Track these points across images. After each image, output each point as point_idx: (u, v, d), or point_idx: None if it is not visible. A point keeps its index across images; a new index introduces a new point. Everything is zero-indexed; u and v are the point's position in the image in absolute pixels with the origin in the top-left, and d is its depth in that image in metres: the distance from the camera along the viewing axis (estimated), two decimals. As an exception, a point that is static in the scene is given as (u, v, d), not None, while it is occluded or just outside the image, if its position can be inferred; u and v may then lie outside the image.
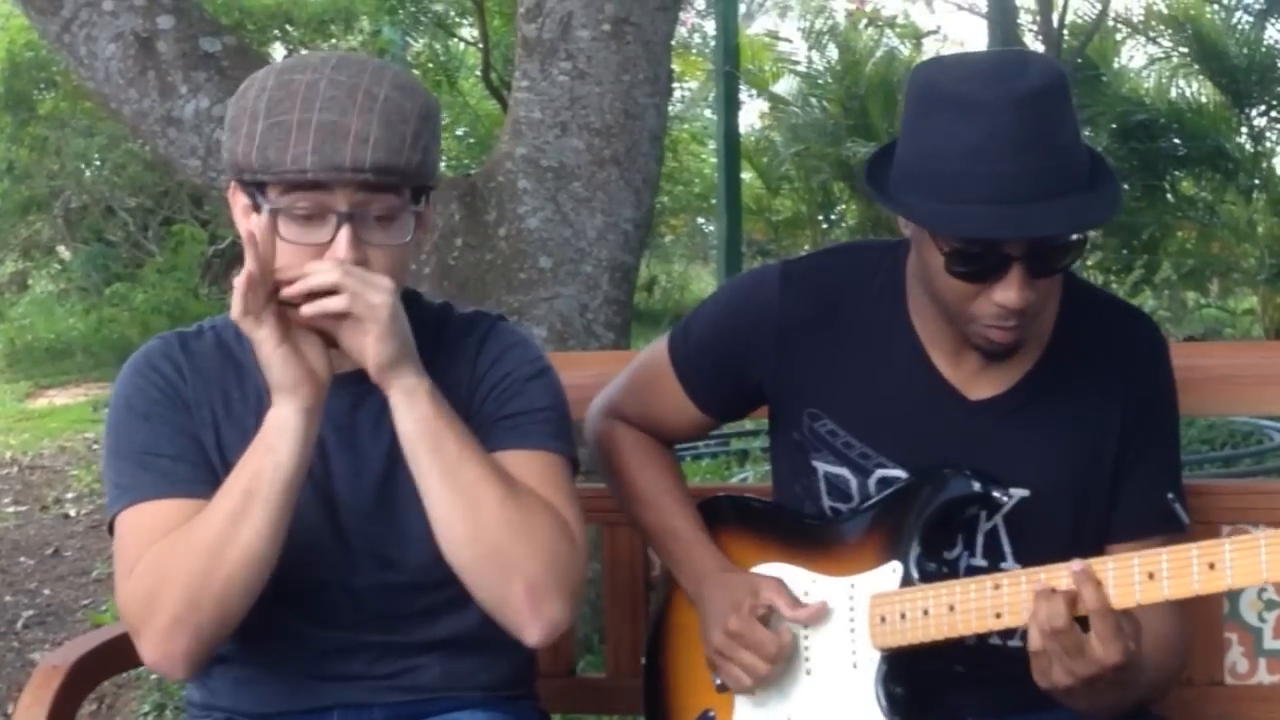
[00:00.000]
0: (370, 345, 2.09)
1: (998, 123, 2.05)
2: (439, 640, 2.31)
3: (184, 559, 2.09)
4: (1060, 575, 2.05)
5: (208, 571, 2.08)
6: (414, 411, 2.13)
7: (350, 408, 2.25)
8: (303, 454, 2.11)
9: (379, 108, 2.09)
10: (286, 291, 2.07)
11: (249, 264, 2.05)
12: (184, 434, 2.24)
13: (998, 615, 2.15)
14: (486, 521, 2.13)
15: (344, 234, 2.08)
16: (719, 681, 2.40)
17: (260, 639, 2.27)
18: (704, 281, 18.27)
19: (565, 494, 2.25)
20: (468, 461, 2.14)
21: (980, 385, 2.32)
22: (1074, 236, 2.14)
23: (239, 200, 2.18)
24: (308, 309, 2.07)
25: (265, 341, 2.07)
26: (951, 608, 2.18)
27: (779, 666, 2.32)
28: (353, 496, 2.26)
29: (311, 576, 2.24)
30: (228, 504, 2.10)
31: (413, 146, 2.11)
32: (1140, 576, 2.02)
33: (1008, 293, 2.10)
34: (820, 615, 2.32)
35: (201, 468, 2.22)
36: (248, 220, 2.16)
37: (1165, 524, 2.27)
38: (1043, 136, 2.07)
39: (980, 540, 2.32)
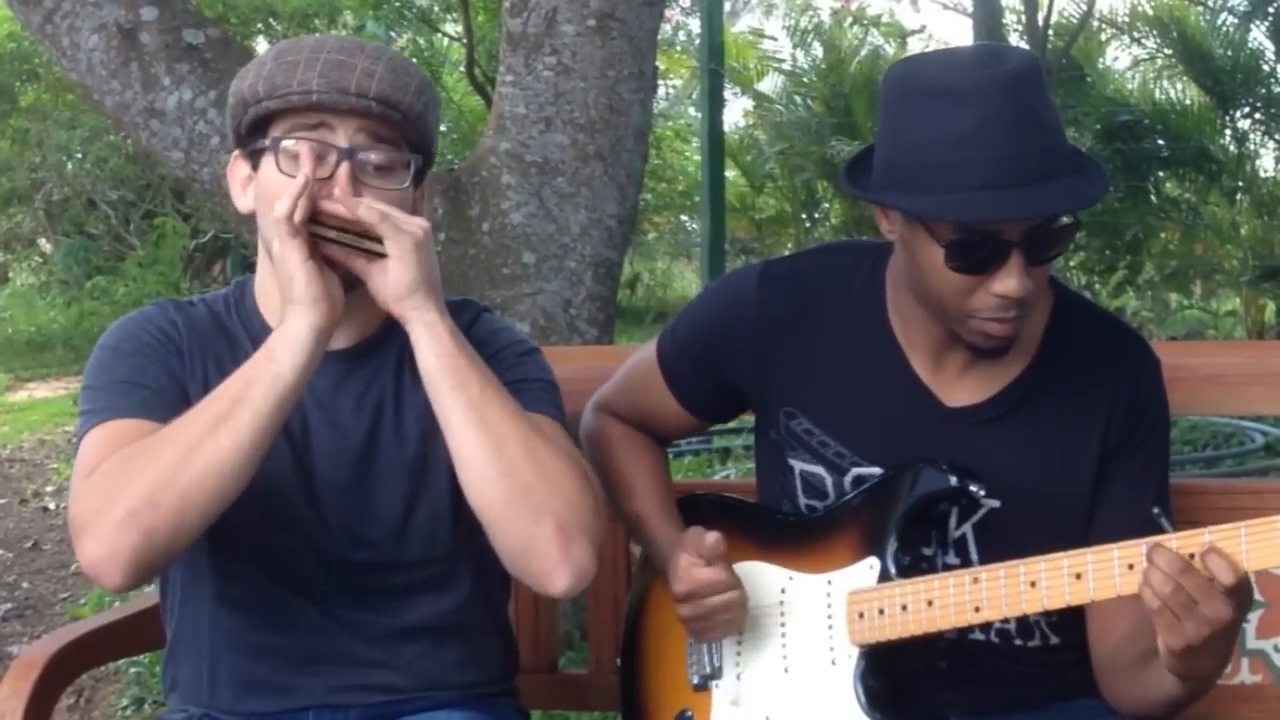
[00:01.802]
0: (391, 269, 2.08)
1: (989, 107, 2.04)
2: (418, 625, 2.30)
3: (153, 456, 2.03)
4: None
5: (175, 469, 2.01)
6: (436, 346, 2.11)
7: (334, 385, 2.24)
8: (304, 371, 2.07)
9: (385, 57, 2.17)
10: (326, 206, 2.09)
11: (303, 173, 2.08)
12: (170, 374, 2.23)
13: (976, 609, 2.15)
14: (513, 458, 2.10)
15: (343, 170, 2.11)
16: (696, 680, 2.40)
17: (240, 606, 2.26)
18: (687, 279, 18.29)
19: (578, 451, 2.25)
20: (491, 400, 2.12)
21: (959, 392, 2.31)
22: (1066, 221, 2.14)
23: (238, 174, 2.22)
24: (335, 249, 2.10)
25: (295, 252, 2.07)
26: (930, 603, 2.18)
27: (742, 593, 2.31)
28: (330, 473, 2.25)
29: (286, 545, 2.23)
30: (215, 406, 2.05)
31: (416, 95, 2.16)
32: (1120, 568, 2.02)
33: (1008, 281, 2.09)
34: (717, 545, 2.28)
35: (180, 405, 2.14)
36: (244, 193, 2.22)
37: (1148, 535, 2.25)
38: (1032, 119, 2.07)
39: (950, 546, 2.31)
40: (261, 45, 12.95)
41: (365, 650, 2.28)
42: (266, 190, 2.15)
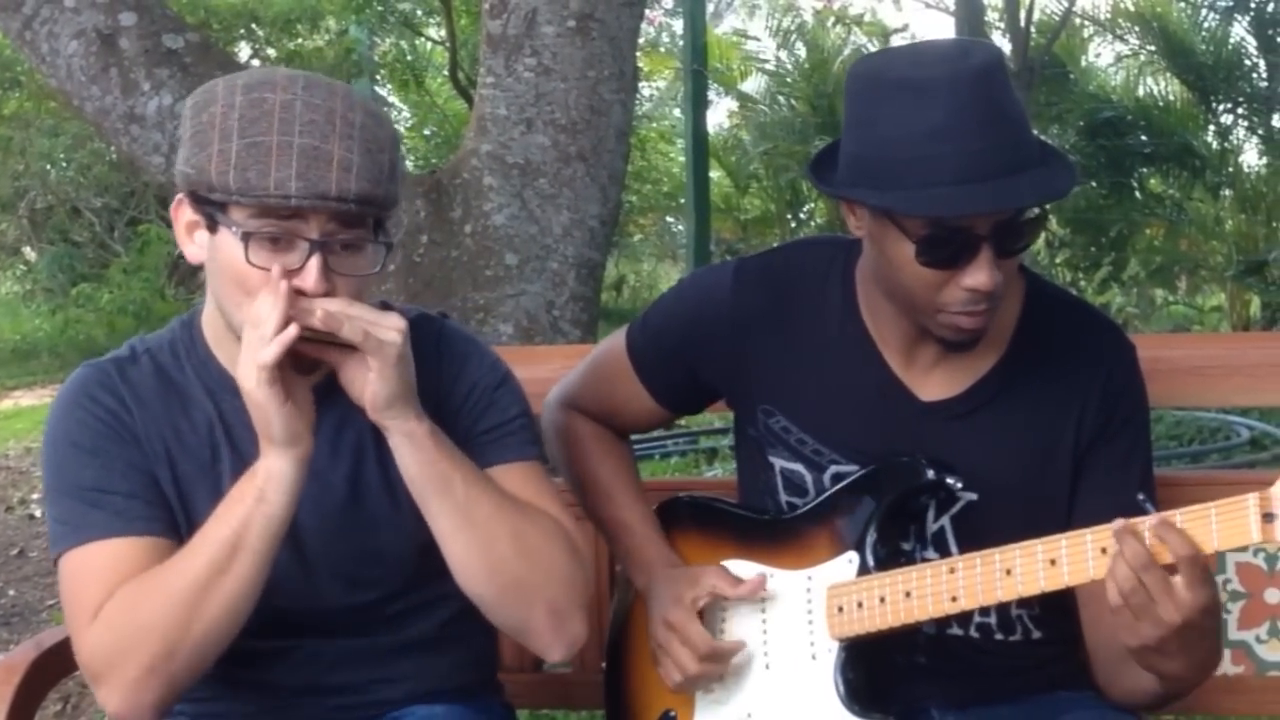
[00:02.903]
0: (371, 383, 2.05)
1: (956, 101, 2.04)
2: (414, 640, 2.29)
3: (160, 608, 2.03)
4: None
5: (187, 622, 2.02)
6: (418, 455, 2.10)
7: None
8: (294, 504, 2.06)
9: (358, 134, 2.03)
10: (307, 321, 2.01)
11: (284, 332, 1.98)
12: (136, 470, 2.15)
13: (953, 599, 2.15)
14: (503, 555, 2.13)
15: (314, 262, 2.02)
16: (671, 687, 2.39)
17: (228, 662, 2.21)
18: (673, 280, 18.22)
19: (554, 499, 2.25)
20: (477, 498, 2.12)
21: (933, 386, 2.31)
22: (1034, 213, 2.14)
23: (184, 218, 2.11)
24: (309, 346, 2.04)
25: (274, 399, 2.01)
26: (908, 594, 2.18)
27: (711, 669, 2.31)
28: (318, 524, 2.21)
29: (278, 606, 2.18)
30: (211, 552, 2.03)
31: (390, 177, 2.06)
32: (1093, 552, 2.02)
33: (978, 275, 2.09)
34: (759, 587, 2.31)
35: (157, 505, 2.15)
36: (191, 240, 2.11)
37: None
38: (1000, 112, 2.07)
39: (929, 538, 2.31)
40: (244, 52, 12.95)
41: (364, 672, 2.28)
42: (228, 268, 2.05)
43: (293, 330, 1.99)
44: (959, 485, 2.24)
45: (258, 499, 2.04)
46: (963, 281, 2.10)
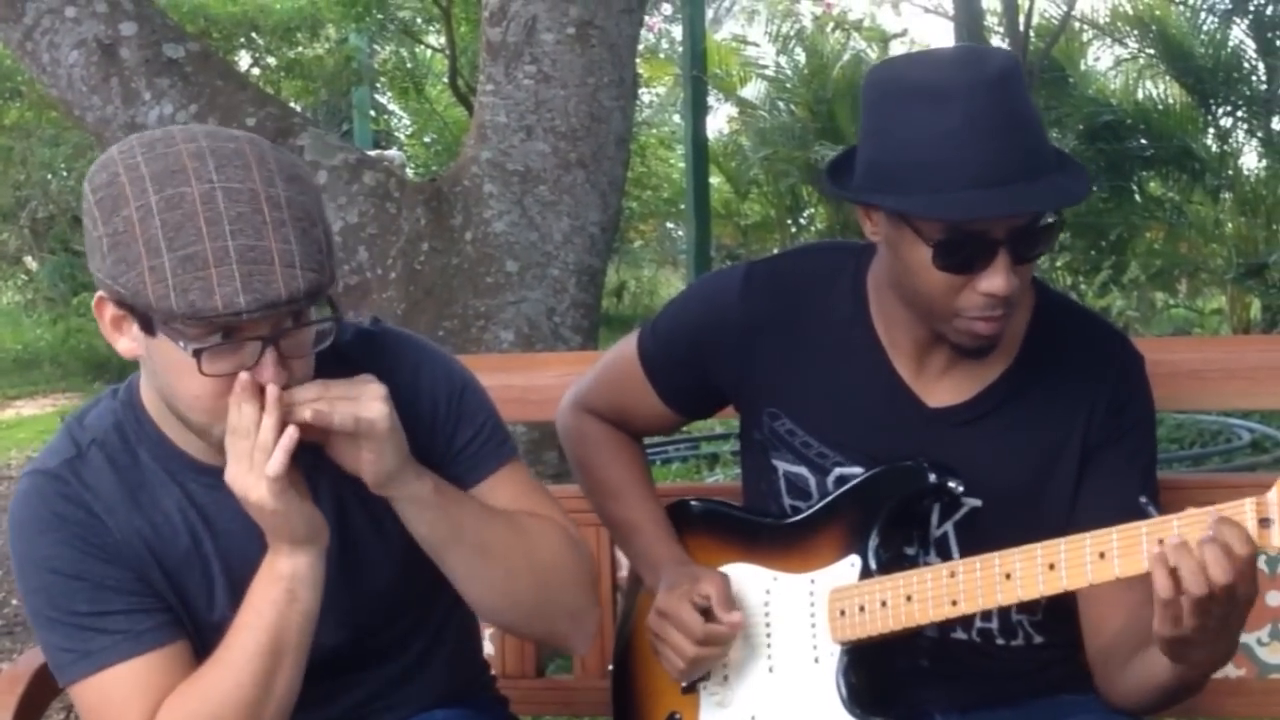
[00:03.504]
0: (370, 463, 2.00)
1: (974, 106, 2.05)
2: (411, 665, 2.30)
3: None
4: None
5: None
6: (426, 515, 2.07)
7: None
8: (321, 595, 2.03)
9: (288, 216, 1.89)
10: (296, 417, 1.95)
11: (285, 438, 1.92)
12: (128, 582, 2.07)
13: (954, 602, 2.15)
14: (523, 586, 2.15)
15: (269, 358, 1.92)
16: (684, 683, 2.40)
17: None
18: (674, 287, 18.25)
19: (543, 495, 2.26)
20: (488, 537, 2.12)
21: (940, 393, 2.31)
22: (1051, 219, 2.15)
23: (109, 312, 1.98)
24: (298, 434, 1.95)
25: (291, 504, 1.96)
26: (909, 598, 2.19)
27: (708, 652, 2.31)
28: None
29: None
30: (257, 664, 2.00)
31: (328, 252, 1.94)
32: (1091, 556, 2.02)
33: (995, 279, 2.09)
34: (738, 626, 2.30)
35: (157, 611, 2.08)
36: (121, 334, 1.99)
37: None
38: (1017, 117, 2.08)
39: (932, 545, 2.32)
40: (244, 60, 12.95)
41: (363, 700, 2.28)
42: (176, 375, 1.95)
43: (293, 433, 1.93)
44: (960, 489, 2.25)
45: (289, 600, 2.01)
46: (979, 286, 2.11)
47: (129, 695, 2.03)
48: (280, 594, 2.00)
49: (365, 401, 1.97)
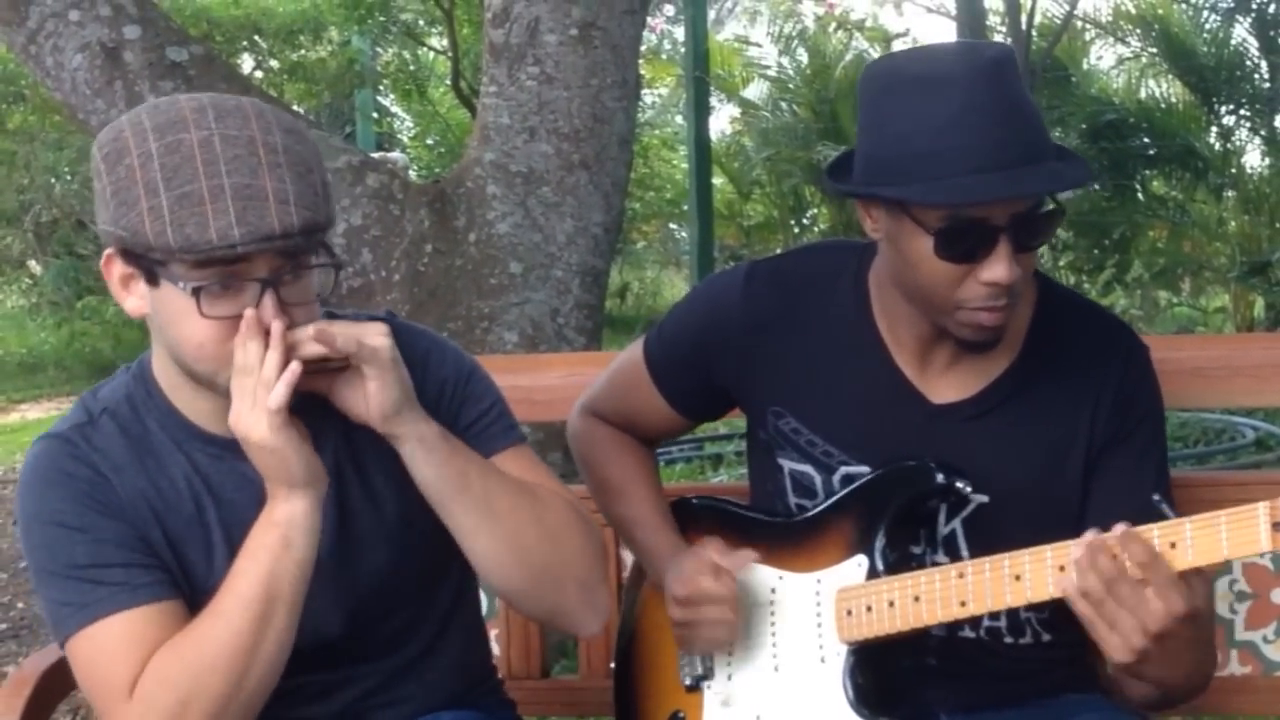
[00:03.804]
0: (374, 394, 2.02)
1: (973, 93, 2.06)
2: (414, 658, 2.30)
3: (206, 675, 1.99)
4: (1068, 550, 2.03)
5: (237, 683, 1.99)
6: (432, 457, 2.08)
7: None
8: (316, 544, 2.04)
9: (284, 160, 1.96)
10: (300, 356, 1.98)
11: (289, 370, 1.96)
12: (127, 539, 2.09)
13: (962, 603, 2.15)
14: (529, 544, 2.13)
15: (269, 299, 1.97)
16: (688, 682, 2.41)
17: None
18: (677, 287, 18.28)
19: (551, 478, 2.26)
20: (495, 490, 2.12)
21: (944, 389, 2.31)
22: (1051, 207, 2.15)
23: (118, 271, 2.05)
24: (301, 380, 1.99)
25: (290, 441, 1.99)
26: (917, 598, 2.19)
27: (746, 625, 2.32)
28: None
29: None
30: (250, 611, 2.00)
31: (324, 197, 2.00)
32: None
33: (997, 268, 2.09)
34: (748, 558, 2.32)
35: (155, 569, 2.09)
36: (129, 292, 2.05)
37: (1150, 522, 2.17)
38: (1015, 105, 2.08)
39: (940, 541, 2.31)
40: (247, 64, 12.96)
41: (366, 696, 2.27)
42: (180, 323, 2.00)
43: (296, 367, 1.97)
44: (969, 489, 2.24)
45: (284, 546, 2.01)
46: (981, 276, 2.11)
47: (121, 646, 2.03)
48: (275, 540, 2.02)
49: (369, 333, 2.01)
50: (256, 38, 12.65)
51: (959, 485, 2.24)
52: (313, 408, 2.08)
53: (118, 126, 2.00)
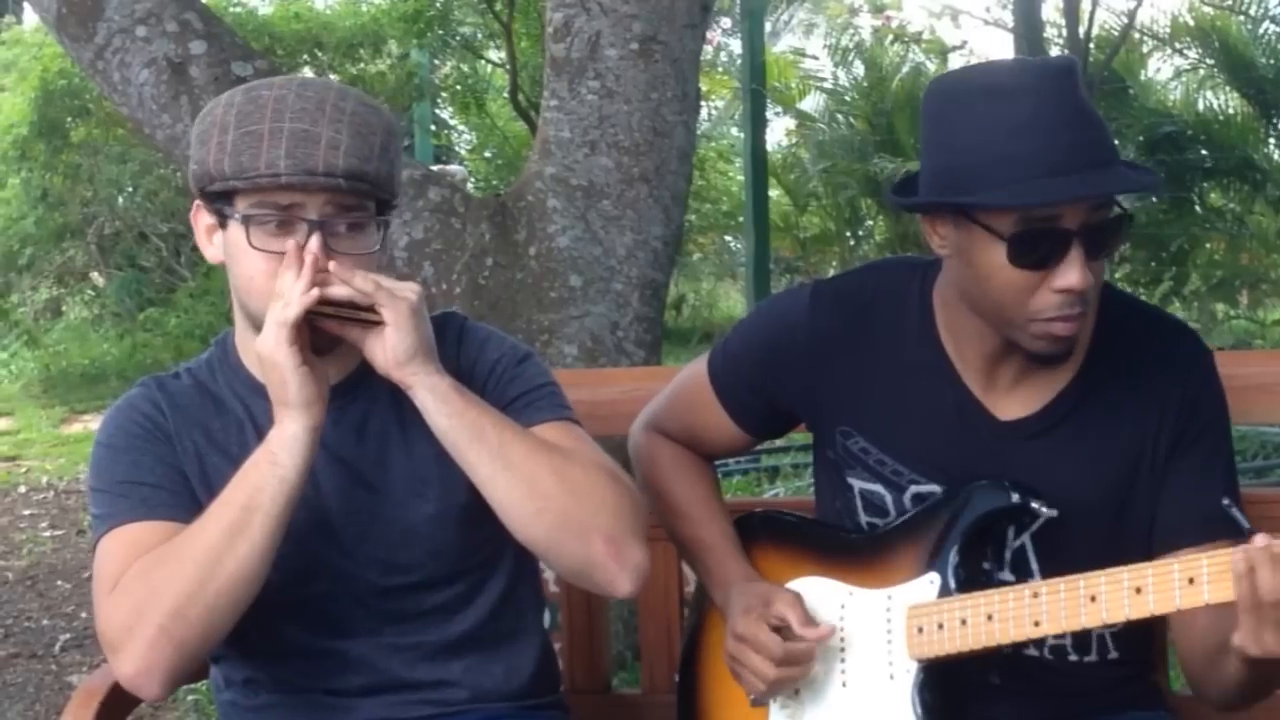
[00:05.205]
0: (389, 339, 2.12)
1: (1039, 98, 2.07)
2: (463, 638, 2.32)
3: (174, 570, 2.09)
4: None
5: (201, 583, 2.08)
6: (445, 406, 2.16)
7: (331, 423, 2.22)
8: (307, 468, 2.13)
9: (347, 119, 2.14)
10: (325, 292, 2.11)
11: (305, 279, 2.09)
12: (164, 464, 2.25)
13: (1036, 623, 2.14)
14: (548, 492, 2.16)
15: (315, 239, 2.12)
16: (753, 697, 2.40)
17: (283, 663, 2.29)
18: (732, 299, 18.24)
19: (596, 449, 2.29)
20: (510, 440, 2.17)
21: (1011, 406, 2.30)
22: (1119, 212, 2.14)
23: (202, 221, 2.24)
24: (330, 323, 2.14)
25: (291, 358, 2.10)
26: (989, 617, 2.18)
27: (790, 672, 2.31)
28: (347, 507, 2.27)
29: (320, 592, 2.26)
30: (227, 516, 2.10)
31: (380, 157, 2.16)
32: (1180, 581, 2.01)
33: (1070, 274, 2.09)
34: (826, 637, 2.32)
35: (182, 495, 2.23)
36: (210, 242, 2.25)
37: (1222, 529, 2.17)
38: (1083, 110, 2.09)
39: (1008, 557, 2.31)
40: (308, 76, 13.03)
41: (416, 673, 2.31)
42: (240, 260, 2.18)
43: (314, 293, 2.09)
44: (1044, 510, 2.23)
45: (271, 462, 2.11)
46: (1055, 283, 2.10)
47: (123, 549, 2.17)
48: (264, 455, 2.13)
49: (397, 285, 2.15)
50: (317, 51, 12.71)
51: (1034, 505, 2.23)
52: (366, 373, 2.23)
53: (228, 91, 2.22)
